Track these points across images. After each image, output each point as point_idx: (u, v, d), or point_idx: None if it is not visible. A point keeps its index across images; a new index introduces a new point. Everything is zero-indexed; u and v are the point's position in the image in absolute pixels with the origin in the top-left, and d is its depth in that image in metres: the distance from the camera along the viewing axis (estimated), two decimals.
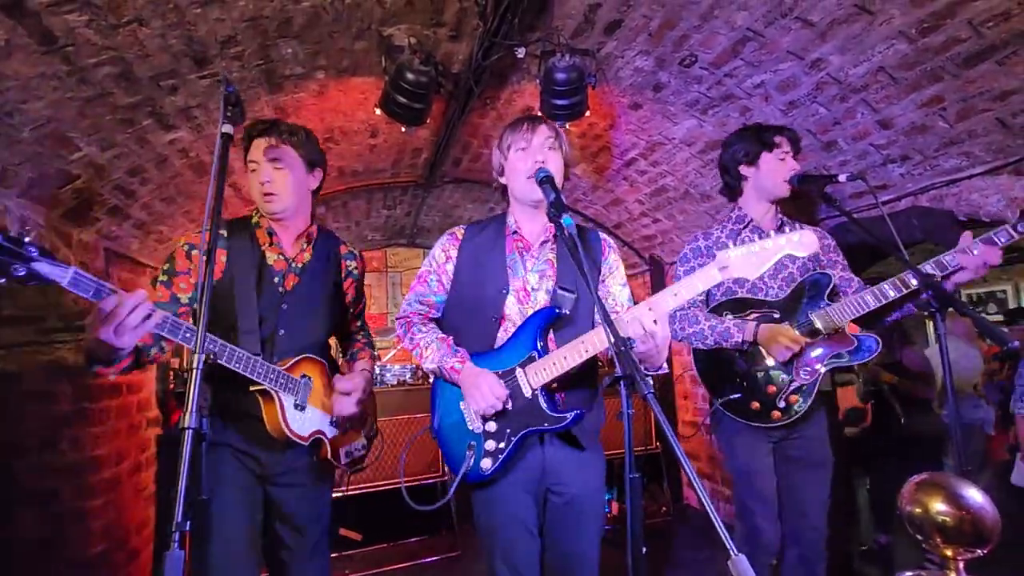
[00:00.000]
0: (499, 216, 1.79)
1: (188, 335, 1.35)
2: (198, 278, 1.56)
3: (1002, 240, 1.72)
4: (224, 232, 1.65)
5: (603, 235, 1.79)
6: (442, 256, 1.73)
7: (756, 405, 2.01)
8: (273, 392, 1.55)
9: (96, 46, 1.76)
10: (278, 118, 1.85)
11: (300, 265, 1.73)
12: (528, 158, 1.62)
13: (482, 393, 1.51)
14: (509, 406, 1.54)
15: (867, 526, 3.49)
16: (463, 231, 1.75)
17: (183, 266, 1.59)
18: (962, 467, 1.50)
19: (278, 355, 1.63)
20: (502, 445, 1.54)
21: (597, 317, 1.75)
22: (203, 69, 2.07)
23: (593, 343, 1.50)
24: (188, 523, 0.92)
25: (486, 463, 1.54)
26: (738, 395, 2.04)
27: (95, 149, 2.19)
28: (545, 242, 1.70)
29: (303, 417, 1.63)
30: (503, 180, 1.74)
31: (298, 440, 1.60)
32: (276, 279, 1.67)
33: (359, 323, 2.04)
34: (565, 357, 1.52)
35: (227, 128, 1.30)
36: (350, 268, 1.89)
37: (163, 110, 2.21)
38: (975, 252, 1.73)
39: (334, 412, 1.72)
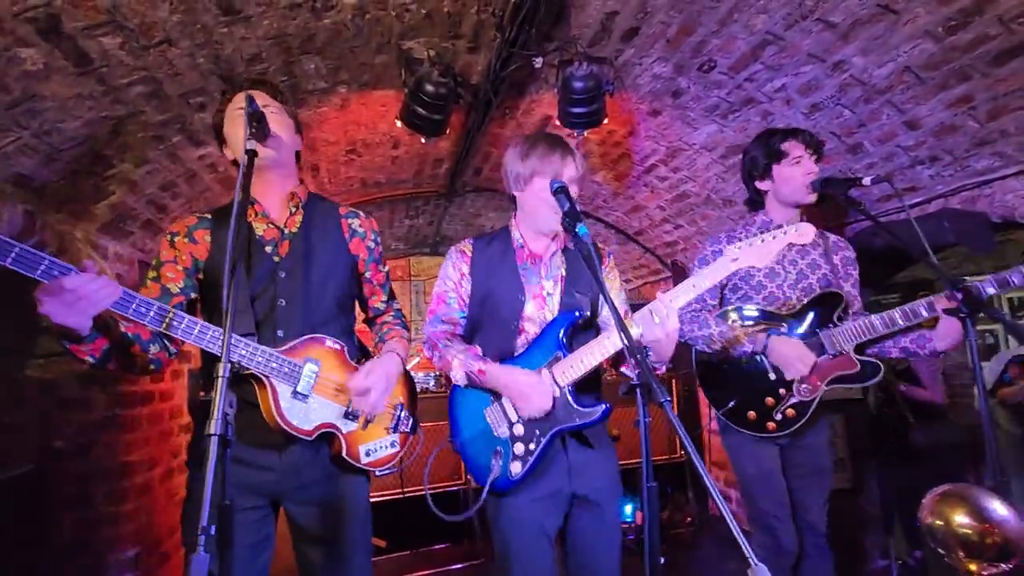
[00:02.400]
0: (502, 230, 1.82)
1: (142, 309, 1.26)
2: (185, 264, 1.49)
3: None
4: (209, 215, 1.57)
5: (599, 244, 1.84)
6: (456, 274, 1.75)
7: (752, 415, 2.01)
8: (262, 377, 1.39)
9: (129, 67, 1.83)
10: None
11: (293, 230, 1.56)
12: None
13: (531, 402, 1.54)
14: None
15: (900, 540, 3.39)
16: (470, 246, 1.77)
17: (168, 255, 1.50)
18: (997, 477, 1.45)
19: (283, 329, 1.47)
20: (532, 447, 1.56)
21: (612, 322, 1.77)
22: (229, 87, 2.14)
23: (615, 341, 1.57)
24: (213, 527, 0.94)
25: (515, 467, 1.56)
26: (734, 403, 2.04)
27: (129, 165, 2.27)
28: (554, 254, 1.74)
29: (305, 408, 1.44)
30: (519, 193, 1.72)
31: (297, 434, 1.41)
32: (268, 248, 1.52)
33: (384, 296, 1.79)
34: (591, 354, 1.57)
35: (251, 144, 1.34)
36: (354, 226, 1.68)
37: (192, 127, 2.28)
38: None
39: (354, 407, 1.52)
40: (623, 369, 1.71)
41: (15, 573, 2.14)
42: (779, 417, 1.97)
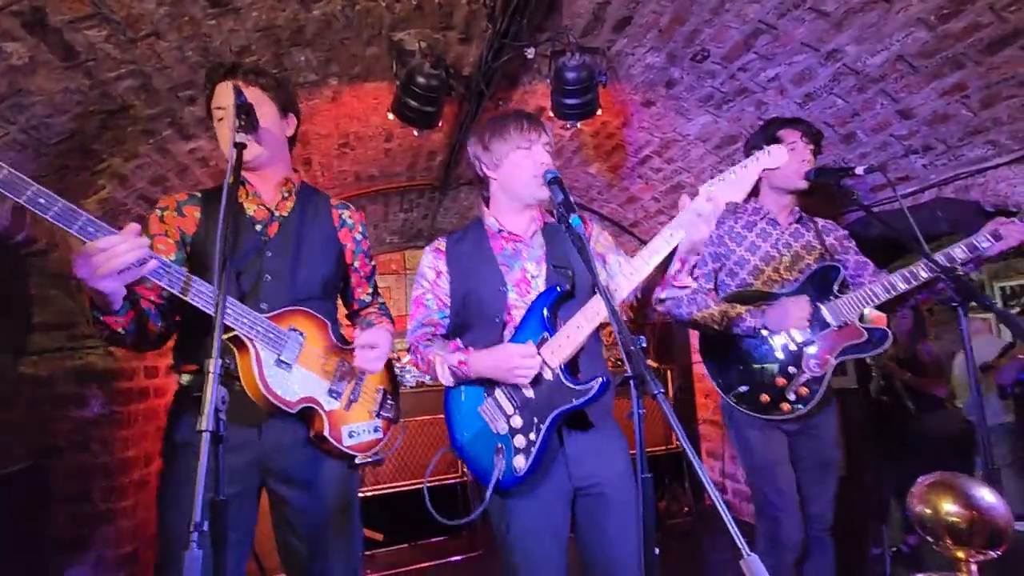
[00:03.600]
0: (475, 222, 1.75)
1: (176, 277, 1.26)
2: (174, 236, 1.49)
3: None
4: (199, 194, 1.56)
5: (582, 213, 1.78)
6: (432, 273, 1.70)
7: (765, 398, 1.99)
8: (246, 340, 1.35)
9: (116, 60, 1.81)
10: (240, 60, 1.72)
11: (283, 214, 1.58)
12: (533, 157, 1.59)
13: (514, 368, 1.47)
14: (531, 394, 1.52)
15: (896, 527, 3.42)
16: (444, 243, 1.73)
17: (158, 229, 1.49)
18: (990, 466, 1.46)
19: (267, 302, 1.46)
20: (533, 436, 1.49)
21: (603, 304, 1.73)
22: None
23: (600, 306, 1.46)
24: (206, 523, 0.94)
25: (519, 461, 1.49)
26: (746, 388, 2.03)
27: (119, 160, 2.25)
28: (535, 233, 1.69)
29: (288, 378, 1.42)
30: (493, 176, 1.67)
31: (280, 404, 1.38)
32: (258, 227, 1.53)
33: (370, 289, 1.82)
34: (579, 326, 1.48)
35: (240, 137, 1.33)
36: (344, 217, 1.70)
37: (182, 120, 2.26)
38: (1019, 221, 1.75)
39: (358, 366, 1.51)
40: (657, 293, 1.61)
41: (12, 570, 2.14)
42: (792, 397, 1.96)
